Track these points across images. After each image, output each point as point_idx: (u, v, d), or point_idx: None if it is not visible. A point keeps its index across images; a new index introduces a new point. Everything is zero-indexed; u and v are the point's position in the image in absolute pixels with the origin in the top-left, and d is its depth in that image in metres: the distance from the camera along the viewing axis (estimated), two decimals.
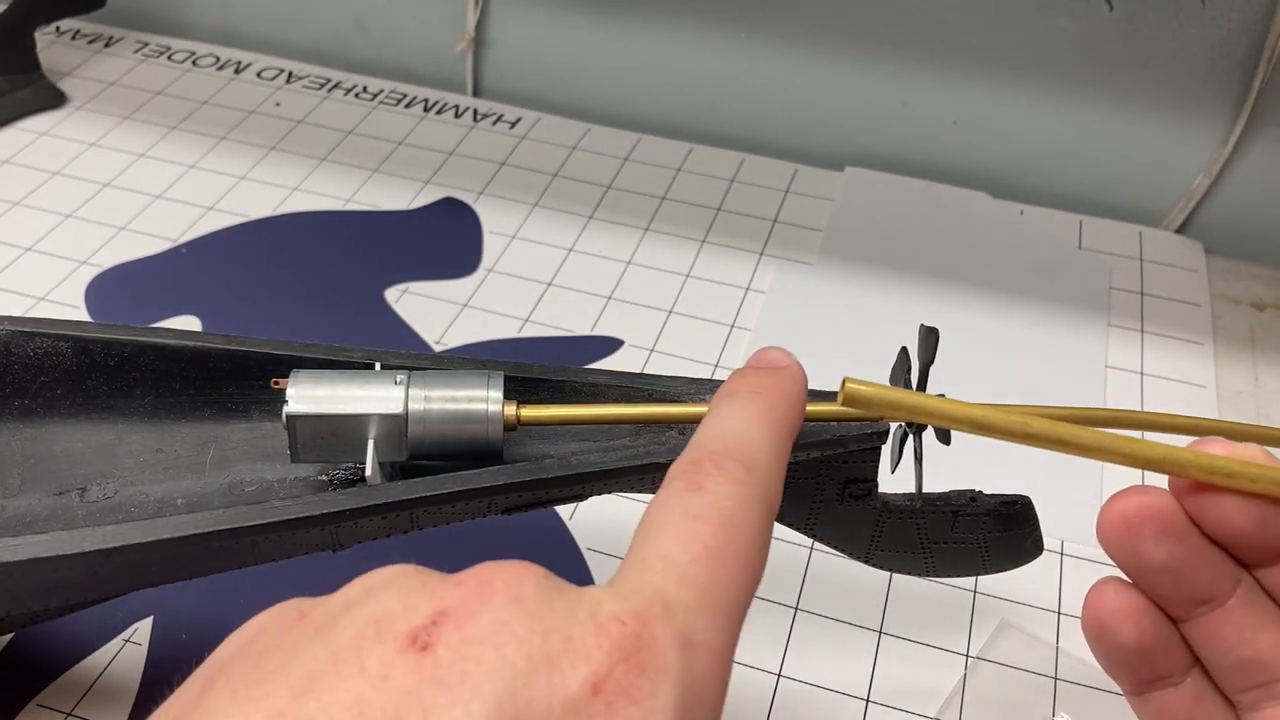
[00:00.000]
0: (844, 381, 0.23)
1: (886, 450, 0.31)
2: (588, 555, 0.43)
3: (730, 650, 0.19)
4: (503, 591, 0.17)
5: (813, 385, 0.32)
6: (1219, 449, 0.22)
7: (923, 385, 0.29)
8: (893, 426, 0.30)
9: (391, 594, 0.18)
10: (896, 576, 0.42)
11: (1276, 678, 0.22)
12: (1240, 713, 0.23)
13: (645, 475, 0.30)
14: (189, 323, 0.52)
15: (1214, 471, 0.21)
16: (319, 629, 0.17)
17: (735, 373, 0.23)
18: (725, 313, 0.54)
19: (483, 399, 0.29)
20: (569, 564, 0.42)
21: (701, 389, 0.31)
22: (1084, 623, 0.23)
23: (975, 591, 0.42)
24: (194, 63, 0.72)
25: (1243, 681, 0.22)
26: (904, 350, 0.30)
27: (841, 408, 0.23)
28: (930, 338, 0.29)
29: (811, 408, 0.29)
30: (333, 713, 0.15)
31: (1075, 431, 0.22)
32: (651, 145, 0.66)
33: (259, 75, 0.71)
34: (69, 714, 0.37)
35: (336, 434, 0.29)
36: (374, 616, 0.17)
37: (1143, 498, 0.22)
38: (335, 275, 0.55)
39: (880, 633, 0.40)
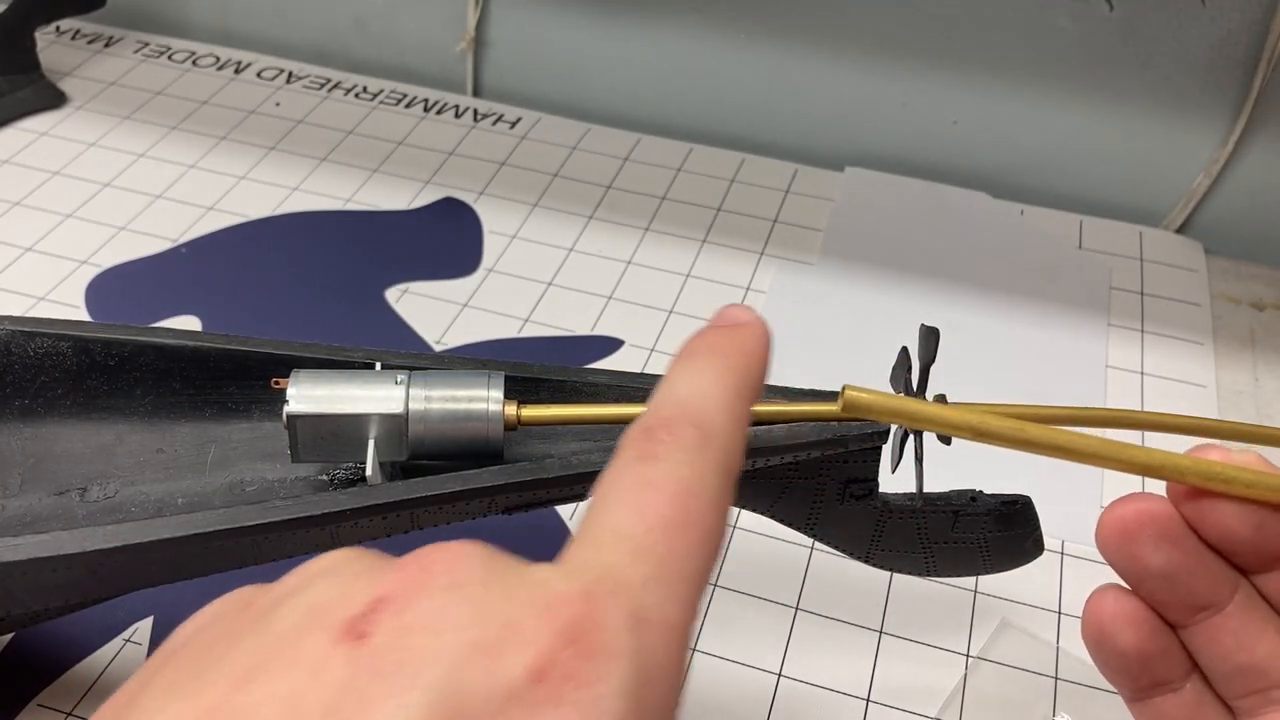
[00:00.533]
0: (844, 388, 0.23)
1: (887, 450, 0.31)
2: None
3: (688, 626, 0.18)
4: (443, 575, 0.17)
5: (813, 385, 0.32)
6: (1216, 455, 0.22)
7: (923, 385, 0.29)
8: (893, 427, 0.30)
9: (331, 581, 0.17)
10: (896, 576, 0.42)
11: (1274, 684, 0.22)
12: (1239, 718, 0.23)
13: None
14: (189, 323, 0.52)
15: (1211, 477, 0.21)
16: (258, 618, 0.17)
17: (694, 333, 0.23)
18: None
19: (483, 399, 0.29)
20: None
21: None
22: (1084, 629, 0.23)
23: (975, 591, 0.42)
24: (194, 63, 0.72)
25: (1241, 687, 0.22)
26: (904, 350, 0.30)
27: (840, 410, 0.23)
28: (930, 338, 0.29)
29: (813, 407, 0.29)
30: (264, 707, 0.15)
31: (1072, 438, 0.22)
32: (651, 145, 0.66)
33: (259, 75, 0.71)
34: (69, 714, 0.37)
35: (337, 434, 0.29)
36: (311, 606, 0.17)
37: (1141, 504, 0.22)
38: (335, 275, 0.55)
39: (880, 633, 0.40)
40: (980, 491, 0.33)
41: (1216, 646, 0.22)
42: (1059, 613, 0.41)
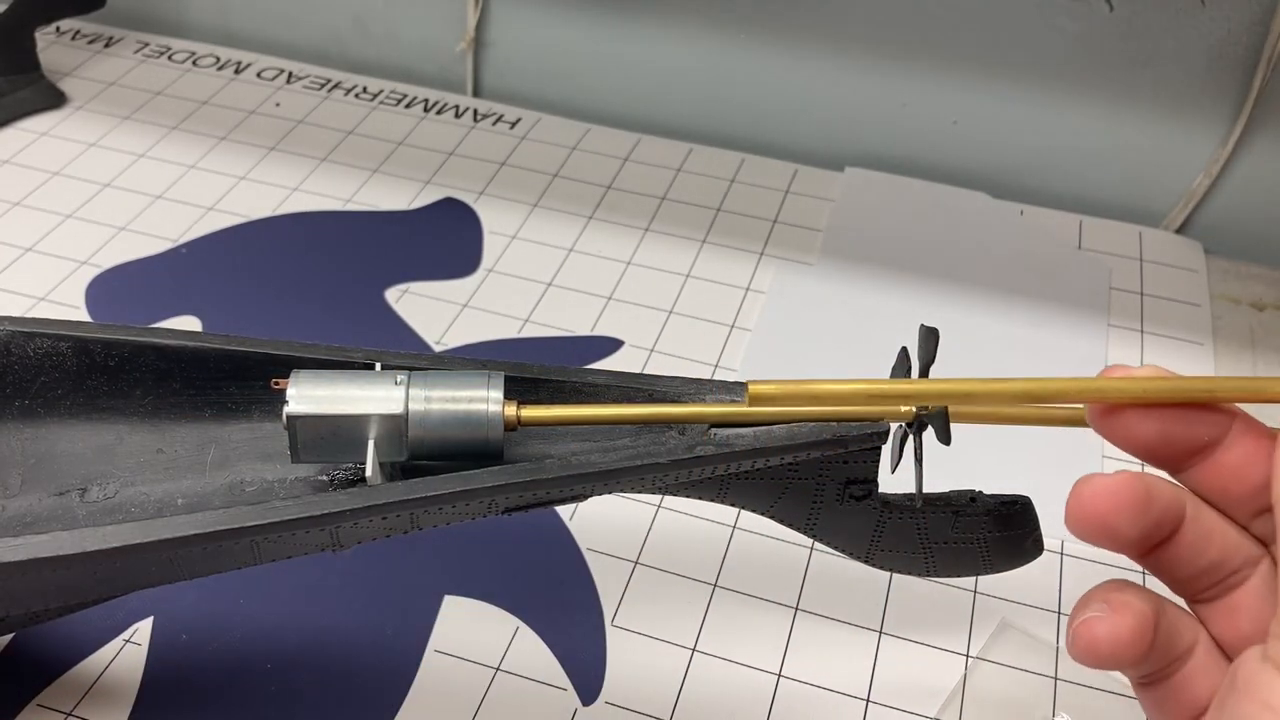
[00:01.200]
0: (748, 385, 0.25)
1: (886, 450, 0.31)
2: (588, 555, 0.43)
3: None
4: None
5: None
6: (1120, 372, 0.24)
7: None
8: (893, 426, 0.30)
9: None
10: (896, 576, 0.42)
11: (1231, 570, 0.24)
12: (1199, 609, 0.25)
13: (645, 475, 0.30)
14: (189, 323, 0.52)
15: (1103, 393, 0.23)
16: None
17: None
18: (725, 313, 0.54)
19: (483, 399, 0.29)
20: (569, 564, 0.42)
21: (701, 389, 0.31)
22: (1077, 654, 0.24)
23: (975, 591, 0.42)
24: (194, 63, 0.72)
25: (1200, 585, 0.24)
26: (904, 350, 0.30)
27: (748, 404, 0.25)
28: (930, 338, 0.29)
29: (811, 408, 0.29)
30: None
31: (956, 382, 0.25)
32: (651, 145, 0.66)
33: (259, 75, 0.71)
34: (69, 714, 0.37)
35: (337, 434, 0.29)
36: None
37: (1103, 486, 0.23)
38: (335, 275, 0.55)
39: (880, 633, 0.40)
40: (980, 491, 0.33)
41: (1177, 563, 0.24)
42: (1059, 613, 0.41)
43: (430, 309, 0.54)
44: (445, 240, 0.58)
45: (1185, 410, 0.23)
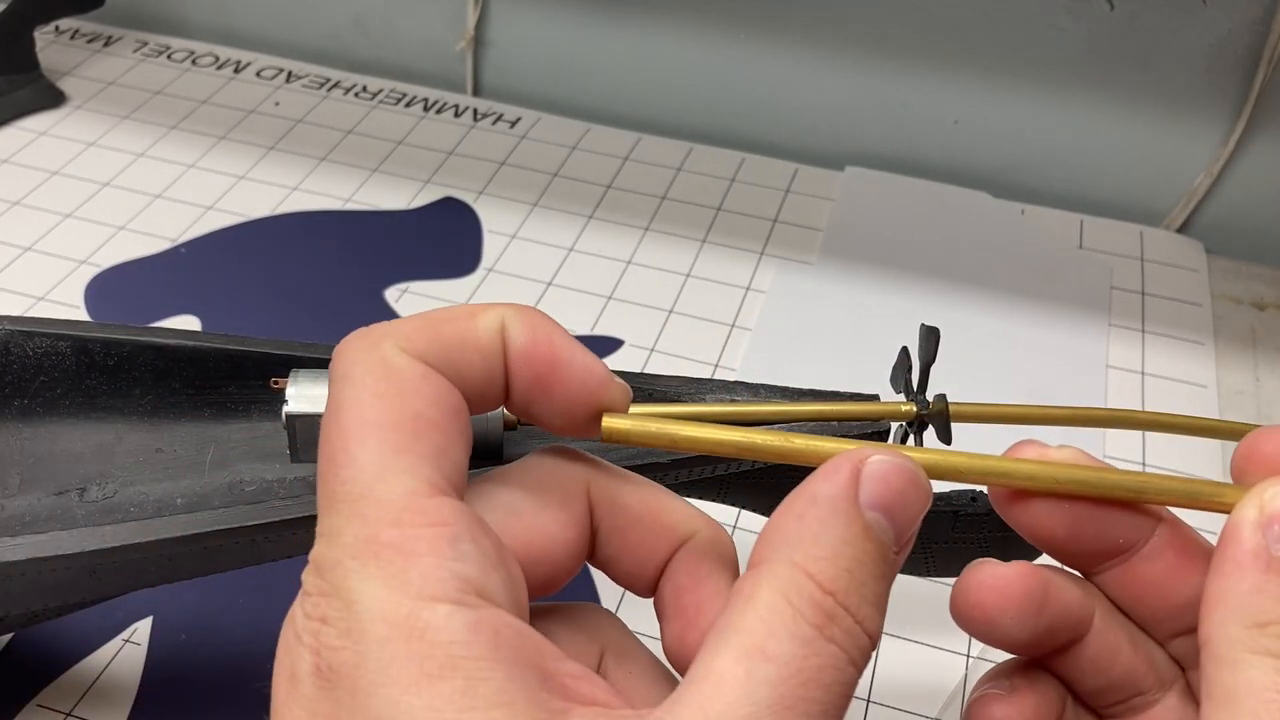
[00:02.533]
0: (603, 418, 0.21)
1: None
2: None
3: None
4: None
5: (813, 385, 0.32)
6: (1032, 451, 0.21)
7: (924, 385, 0.29)
8: (894, 426, 0.30)
9: None
10: (897, 576, 0.42)
11: (1137, 691, 0.21)
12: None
13: (645, 475, 0.30)
14: (189, 323, 0.52)
15: (1008, 477, 0.20)
16: None
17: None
18: (725, 313, 0.54)
19: None
20: None
21: (701, 389, 0.31)
22: None
23: None
24: (193, 62, 0.72)
25: (1108, 699, 0.22)
26: (905, 350, 0.30)
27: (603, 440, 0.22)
28: (931, 338, 0.29)
29: (810, 407, 0.29)
30: None
31: (832, 445, 0.21)
32: (651, 145, 0.66)
33: (259, 75, 0.71)
34: (69, 714, 0.37)
35: None
36: None
37: (990, 581, 0.21)
38: (335, 275, 0.55)
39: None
40: (980, 491, 0.33)
41: (1079, 673, 0.21)
42: None
43: (430, 308, 0.54)
44: (445, 240, 0.58)
45: (1101, 505, 0.20)
